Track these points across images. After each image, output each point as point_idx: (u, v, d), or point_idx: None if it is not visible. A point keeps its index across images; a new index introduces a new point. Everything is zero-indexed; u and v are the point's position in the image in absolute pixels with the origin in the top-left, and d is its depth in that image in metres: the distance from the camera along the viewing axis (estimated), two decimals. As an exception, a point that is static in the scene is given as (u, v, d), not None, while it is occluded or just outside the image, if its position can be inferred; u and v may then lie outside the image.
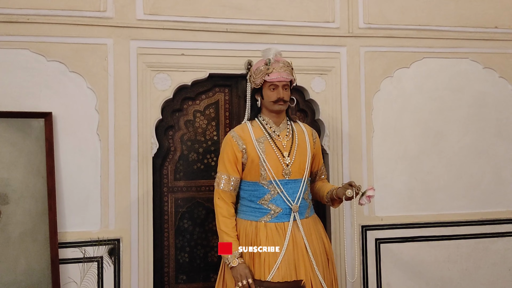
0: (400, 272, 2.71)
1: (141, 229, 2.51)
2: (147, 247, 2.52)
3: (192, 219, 2.69)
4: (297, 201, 2.13)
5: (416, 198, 2.77)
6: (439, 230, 2.76)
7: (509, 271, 2.82)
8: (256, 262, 2.07)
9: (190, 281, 2.67)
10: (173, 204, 2.68)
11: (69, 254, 2.37)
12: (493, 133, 2.86)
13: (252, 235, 2.10)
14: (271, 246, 2.06)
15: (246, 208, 2.17)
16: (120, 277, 2.46)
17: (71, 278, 2.31)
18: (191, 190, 2.69)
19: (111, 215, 2.46)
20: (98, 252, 2.38)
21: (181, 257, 2.67)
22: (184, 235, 2.67)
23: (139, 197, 2.51)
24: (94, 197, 2.46)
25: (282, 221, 2.11)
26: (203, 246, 2.69)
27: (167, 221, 2.66)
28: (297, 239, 2.09)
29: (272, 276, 2.02)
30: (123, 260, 2.46)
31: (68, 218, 2.42)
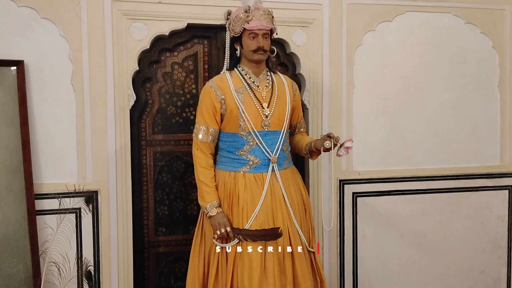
0: (375, 224, 2.78)
1: (119, 182, 2.49)
2: (125, 199, 2.51)
3: (171, 172, 2.68)
4: (276, 152, 2.13)
5: (393, 153, 2.80)
6: (415, 184, 2.82)
7: (481, 224, 2.92)
8: (235, 211, 2.09)
9: (170, 233, 2.69)
10: (152, 157, 2.65)
11: (46, 205, 2.34)
12: (472, 89, 2.88)
13: (230, 185, 2.11)
14: (249, 196, 2.08)
15: (225, 159, 2.16)
16: (99, 229, 2.45)
17: (49, 227, 2.28)
18: (170, 144, 2.67)
19: (88, 167, 2.43)
20: (76, 203, 2.36)
21: (160, 210, 2.68)
22: (163, 189, 2.67)
23: (116, 150, 2.48)
24: (70, 149, 2.42)
25: (260, 171, 2.11)
26: (182, 199, 2.70)
27: (146, 174, 2.65)
28: (275, 189, 2.11)
29: (250, 225, 2.05)
30: (102, 212, 2.46)
31: (44, 170, 2.38)
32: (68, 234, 2.33)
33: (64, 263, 2.10)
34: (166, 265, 2.69)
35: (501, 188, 2.92)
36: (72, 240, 2.34)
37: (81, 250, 2.39)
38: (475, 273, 2.92)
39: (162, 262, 2.68)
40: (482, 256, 2.92)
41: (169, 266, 2.69)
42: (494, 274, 2.94)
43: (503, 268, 2.95)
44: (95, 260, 2.44)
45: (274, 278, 2.02)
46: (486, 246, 2.93)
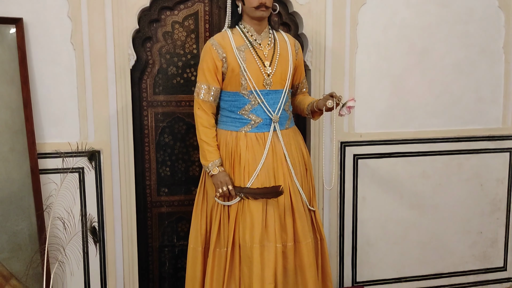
0: (376, 186, 2.80)
1: (121, 142, 2.50)
2: (128, 160, 2.52)
3: (172, 134, 2.68)
4: (278, 111, 2.12)
5: (395, 115, 2.79)
6: (416, 146, 2.82)
7: (480, 186, 2.94)
8: (236, 170, 2.10)
9: (172, 194, 2.72)
10: (153, 118, 2.65)
11: (49, 164, 2.36)
12: (476, 51, 2.84)
13: (232, 144, 2.12)
14: (251, 155, 2.09)
15: (227, 118, 2.16)
16: (102, 188, 2.48)
17: (52, 182, 2.30)
18: (171, 105, 2.66)
19: (90, 127, 2.43)
20: (78, 163, 2.37)
21: (162, 171, 2.70)
22: (165, 150, 2.68)
23: (118, 110, 2.48)
24: (71, 108, 2.41)
25: (262, 131, 2.12)
26: (184, 160, 2.71)
27: (148, 135, 2.65)
28: (276, 148, 2.12)
29: (252, 183, 2.06)
30: (105, 171, 2.48)
31: (46, 129, 2.38)
32: (72, 191, 2.36)
33: (69, 218, 2.13)
34: (168, 224, 2.73)
35: (502, 151, 2.92)
36: (76, 197, 2.37)
37: (85, 207, 2.43)
38: (473, 234, 2.96)
39: (164, 222, 2.72)
40: (480, 217, 2.96)
41: (172, 226, 2.73)
42: (491, 235, 2.99)
43: (501, 229, 3.00)
44: (99, 218, 2.48)
45: (275, 234, 2.05)
46: (485, 208, 2.96)
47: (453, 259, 2.94)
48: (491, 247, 3.00)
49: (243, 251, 2.06)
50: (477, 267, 2.99)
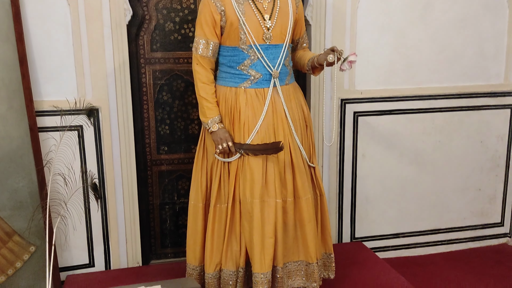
0: (375, 144, 2.80)
1: (119, 100, 2.48)
2: (126, 117, 2.51)
3: (171, 91, 2.65)
4: (278, 67, 2.09)
5: (397, 71, 2.75)
6: (417, 103, 2.80)
7: (480, 143, 2.94)
8: (236, 127, 2.09)
9: (172, 152, 2.72)
10: (151, 76, 2.62)
11: (47, 122, 2.35)
12: (480, 5, 2.76)
13: (231, 101, 2.09)
14: (251, 111, 2.07)
15: (226, 74, 2.13)
16: (102, 146, 2.48)
17: (52, 137, 2.29)
18: (169, 62, 2.62)
19: (87, 84, 2.40)
20: (77, 120, 2.36)
21: (161, 129, 2.69)
22: (163, 108, 2.66)
23: (115, 67, 2.44)
24: (68, 65, 2.37)
25: (262, 87, 2.09)
26: (183, 118, 2.70)
27: (146, 93, 2.63)
28: (276, 104, 2.10)
29: (252, 139, 2.06)
30: (104, 129, 2.47)
31: (43, 87, 2.35)
32: (72, 148, 2.35)
33: (69, 174, 2.14)
34: (169, 182, 2.75)
35: (503, 107, 2.91)
36: (76, 154, 2.37)
37: (85, 165, 2.44)
38: (472, 190, 2.99)
39: (165, 180, 2.74)
40: (479, 174, 2.98)
41: (172, 184, 2.75)
42: (490, 192, 3.02)
43: (500, 186, 3.02)
44: (100, 176, 2.50)
45: (275, 190, 2.07)
46: (484, 165, 2.97)
47: (451, 215, 2.98)
48: (489, 204, 3.03)
49: (243, 206, 2.08)
50: (474, 223, 3.04)
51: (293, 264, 2.15)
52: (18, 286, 2.27)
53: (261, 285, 2.04)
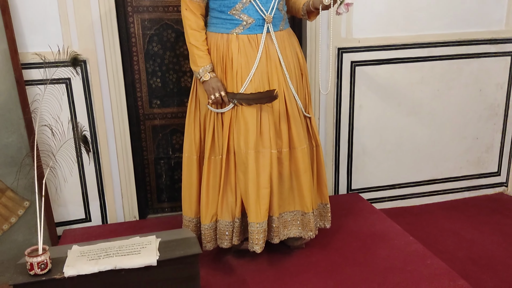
0: (373, 94, 2.74)
1: (107, 51, 2.39)
2: (116, 70, 2.43)
3: (161, 42, 2.56)
4: (271, 11, 1.99)
5: (396, 18, 2.65)
6: (416, 51, 2.72)
7: (479, 91, 2.88)
8: (229, 76, 2.02)
9: (164, 106, 2.66)
10: (140, 25, 2.51)
11: (33, 74, 2.27)
12: None
13: (223, 48, 2.01)
14: (244, 58, 1.99)
15: (216, 20, 2.03)
16: (92, 99, 2.42)
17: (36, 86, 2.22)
18: (158, 10, 2.51)
19: (73, 35, 2.31)
20: (64, 72, 2.28)
21: (153, 82, 2.61)
22: (154, 59, 2.57)
23: (101, 15, 2.33)
24: (52, 14, 2.27)
25: (254, 32, 2.00)
26: (175, 71, 2.62)
27: (135, 44, 2.53)
28: (270, 51, 2.02)
29: (245, 89, 1.99)
30: (93, 82, 2.39)
31: (27, 37, 2.26)
32: (59, 99, 2.28)
33: (57, 126, 2.09)
34: (163, 137, 2.70)
35: (503, 55, 2.83)
36: (64, 106, 2.31)
37: (75, 118, 2.38)
38: (469, 139, 2.96)
39: (158, 134, 2.69)
40: (477, 123, 2.94)
41: (166, 138, 2.71)
42: (487, 141, 2.99)
43: (497, 134, 2.99)
44: (91, 130, 2.45)
45: (270, 140, 2.02)
46: (483, 113, 2.93)
47: (447, 164, 2.97)
48: (486, 153, 3.01)
49: (238, 157, 2.05)
50: (471, 173, 3.03)
51: (289, 214, 2.15)
52: (15, 240, 2.26)
53: (257, 235, 2.04)
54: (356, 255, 2.22)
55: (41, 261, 1.55)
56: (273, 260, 2.19)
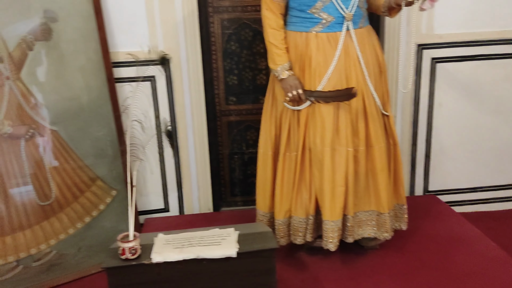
0: (453, 92, 2.63)
1: (189, 50, 2.50)
2: (196, 68, 2.54)
3: (239, 41, 2.63)
4: (351, 8, 1.98)
5: (480, 12, 2.52)
6: (501, 48, 2.57)
7: None
8: (306, 73, 2.04)
9: (240, 103, 2.73)
10: (220, 25, 2.60)
11: (122, 72, 2.43)
12: None
13: (302, 46, 2.03)
14: (322, 56, 2.00)
15: (296, 18, 2.06)
16: (174, 97, 2.55)
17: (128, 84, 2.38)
18: (237, 10, 2.58)
19: (158, 35, 2.44)
20: (150, 71, 2.42)
21: (230, 79, 2.69)
22: (232, 58, 2.65)
23: (184, 17, 2.45)
24: (140, 16, 2.42)
25: (334, 30, 2.00)
26: (251, 69, 2.68)
27: (214, 43, 2.63)
28: (349, 49, 2.01)
29: (323, 86, 2.00)
30: (174, 80, 2.52)
31: (117, 38, 2.42)
32: (145, 94, 2.44)
33: (145, 120, 2.24)
34: (237, 133, 2.78)
35: None
36: (150, 102, 2.46)
37: (158, 114, 2.53)
38: (560, 141, 2.75)
39: (233, 130, 2.77)
40: None
41: (241, 134, 2.79)
42: None
43: None
44: (172, 125, 2.58)
45: (347, 138, 2.02)
46: None
47: (534, 168, 2.78)
48: None
49: (313, 154, 2.07)
50: (561, 178, 2.81)
51: (364, 213, 2.13)
52: (103, 226, 2.44)
53: (331, 233, 2.05)
54: (433, 259, 2.16)
55: (132, 246, 1.68)
56: (346, 259, 2.19)
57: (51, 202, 2.26)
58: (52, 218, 2.27)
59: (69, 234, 2.31)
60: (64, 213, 2.30)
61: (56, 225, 2.27)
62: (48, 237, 2.25)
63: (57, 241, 2.27)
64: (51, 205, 2.26)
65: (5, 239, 2.15)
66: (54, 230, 2.27)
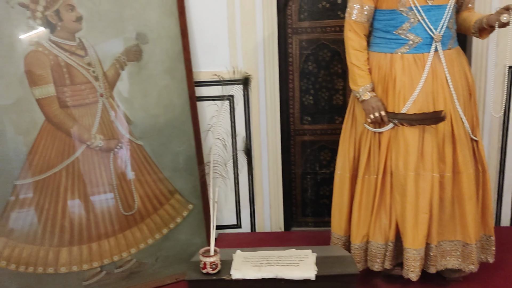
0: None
1: (267, 70, 2.55)
2: (273, 88, 2.57)
3: (316, 61, 2.64)
4: (440, 29, 1.93)
5: None
6: None
7: None
8: (390, 95, 1.99)
9: (315, 122, 2.73)
10: (298, 46, 2.63)
11: (203, 91, 2.52)
12: None
13: (386, 67, 2.00)
14: (408, 78, 1.95)
15: (380, 39, 2.03)
16: (250, 115, 2.59)
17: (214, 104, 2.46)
18: (316, 31, 2.60)
19: (239, 56, 2.52)
20: (229, 91, 2.49)
21: (305, 99, 2.70)
22: (308, 78, 2.66)
23: (264, 38, 2.50)
24: (222, 37, 2.50)
25: (421, 52, 1.95)
26: (327, 89, 2.67)
27: (292, 63, 2.65)
28: (437, 71, 1.95)
29: (408, 109, 1.95)
30: (252, 99, 2.57)
31: (200, 58, 2.53)
32: (225, 115, 2.52)
33: (227, 139, 2.30)
34: (311, 152, 2.77)
35: None
36: (228, 121, 2.53)
37: (235, 131, 2.58)
38: None
39: (307, 150, 2.77)
40: None
41: (314, 154, 2.77)
42: None
43: None
44: (248, 144, 2.62)
45: (432, 163, 1.94)
46: None
47: None
48: None
49: (395, 178, 2.00)
50: None
51: (448, 243, 2.02)
52: (179, 239, 2.51)
53: (413, 262, 1.96)
54: (524, 296, 2.00)
55: (213, 261, 1.71)
56: (427, 290, 2.09)
57: (133, 213, 2.37)
58: (134, 228, 2.37)
59: (148, 244, 2.40)
60: (144, 224, 2.40)
61: (137, 234, 2.38)
62: (130, 246, 2.36)
63: (137, 250, 2.37)
64: (133, 216, 2.37)
65: (91, 246, 2.28)
66: (135, 239, 2.37)
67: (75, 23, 2.23)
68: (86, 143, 2.27)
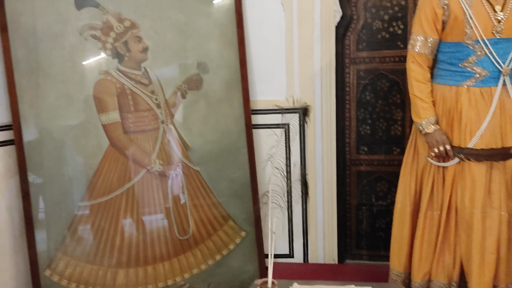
0: None
1: (324, 100, 2.54)
2: (329, 117, 2.56)
3: (374, 91, 2.61)
4: (509, 63, 1.86)
5: None
6: None
7: None
8: (455, 129, 1.93)
9: (371, 153, 2.68)
10: (355, 75, 2.62)
11: (259, 120, 2.55)
12: None
13: (451, 101, 1.94)
14: (474, 112, 1.89)
15: (445, 72, 1.98)
16: (306, 145, 2.59)
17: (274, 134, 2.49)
18: (374, 61, 2.58)
19: (296, 85, 2.53)
20: (285, 120, 2.50)
21: (362, 129, 2.67)
22: (365, 108, 2.63)
23: (322, 68, 2.51)
24: (279, 67, 2.54)
25: (488, 85, 1.89)
26: (385, 119, 2.63)
27: (349, 93, 2.64)
28: (505, 105, 1.88)
29: (474, 143, 1.88)
30: (308, 128, 2.57)
31: (257, 87, 2.56)
32: (281, 145, 2.53)
33: (284, 168, 2.30)
34: (367, 183, 2.71)
35: None
36: (283, 151, 2.54)
37: (289, 161, 2.58)
38: None
39: (363, 180, 2.71)
40: None
41: (370, 185, 2.71)
42: None
43: None
44: (303, 173, 2.61)
45: (500, 201, 1.85)
46: None
47: None
48: None
49: (460, 216, 1.92)
50: None
51: (517, 286, 1.90)
52: (231, 266, 2.52)
53: (479, 304, 1.85)
54: None
55: (271, 293, 1.68)
56: (494, 335, 1.95)
57: (188, 237, 2.40)
58: (188, 253, 2.40)
59: (201, 269, 2.42)
60: (198, 249, 2.43)
61: (191, 259, 2.40)
62: (183, 271, 2.39)
63: (190, 275, 2.40)
64: (188, 240, 2.40)
65: (147, 268, 2.32)
66: (189, 264, 2.40)
67: (142, 54, 2.34)
68: (146, 167, 2.35)
